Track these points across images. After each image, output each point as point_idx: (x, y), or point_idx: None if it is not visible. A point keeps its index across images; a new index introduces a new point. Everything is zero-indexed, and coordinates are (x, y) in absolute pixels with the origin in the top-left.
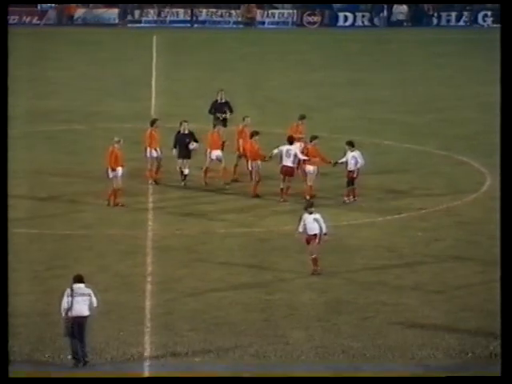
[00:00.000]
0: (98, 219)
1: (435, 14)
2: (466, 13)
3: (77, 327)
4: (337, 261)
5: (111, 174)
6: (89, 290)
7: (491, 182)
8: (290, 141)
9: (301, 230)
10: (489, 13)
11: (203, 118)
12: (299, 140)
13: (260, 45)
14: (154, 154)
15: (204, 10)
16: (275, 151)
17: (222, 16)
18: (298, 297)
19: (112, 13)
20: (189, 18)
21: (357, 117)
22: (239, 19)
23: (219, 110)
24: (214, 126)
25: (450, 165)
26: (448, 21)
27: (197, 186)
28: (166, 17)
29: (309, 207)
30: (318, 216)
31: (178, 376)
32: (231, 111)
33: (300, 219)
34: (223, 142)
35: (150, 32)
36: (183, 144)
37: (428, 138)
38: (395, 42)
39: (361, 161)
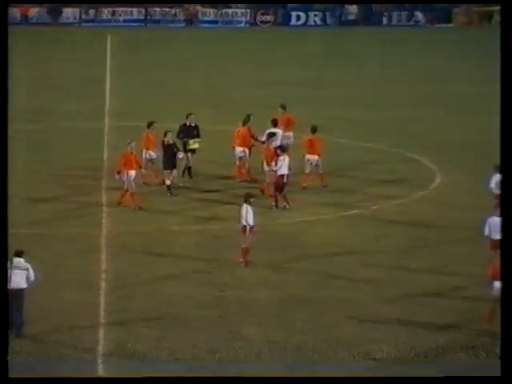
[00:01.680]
0: (54, 217)
1: (386, 14)
2: (417, 13)
3: (15, 298)
4: (290, 257)
5: (122, 177)
6: (27, 265)
7: (441, 178)
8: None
9: (244, 221)
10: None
11: (157, 116)
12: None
13: (214, 43)
14: (149, 156)
15: (158, 10)
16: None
17: (175, 15)
18: (252, 293)
19: (66, 12)
20: (142, 18)
21: (309, 115)
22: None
23: (188, 135)
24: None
25: (401, 162)
26: (399, 20)
27: (152, 183)
28: (120, 16)
29: (249, 198)
30: (250, 208)
31: (131, 374)
32: (198, 136)
33: (241, 210)
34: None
35: (104, 31)
36: (170, 153)
37: (380, 135)
38: (347, 40)
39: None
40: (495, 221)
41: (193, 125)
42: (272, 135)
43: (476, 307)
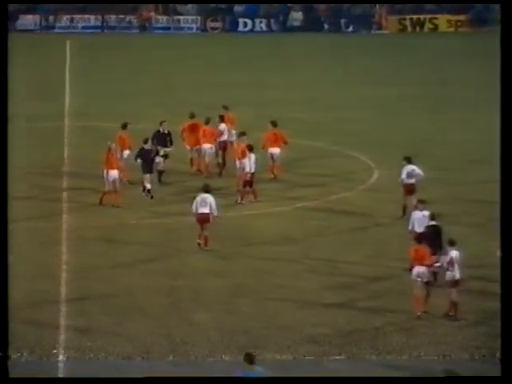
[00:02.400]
0: (17, 213)
1: (327, 21)
2: (356, 20)
3: None
4: (237, 248)
5: (105, 176)
6: None
7: (378, 174)
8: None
9: (194, 210)
10: (373, 19)
11: (114, 118)
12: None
13: (167, 48)
14: (125, 155)
15: (113, 16)
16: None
17: (130, 22)
18: (202, 282)
19: (27, 19)
20: (99, 24)
21: (257, 116)
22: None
23: (160, 142)
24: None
25: (342, 159)
26: (338, 28)
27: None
28: (78, 23)
29: (205, 188)
30: (210, 197)
31: (91, 356)
32: (171, 143)
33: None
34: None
35: (63, 37)
36: (149, 159)
37: (322, 134)
38: (291, 46)
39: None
40: (417, 215)
41: (166, 132)
42: (243, 134)
43: (409, 291)
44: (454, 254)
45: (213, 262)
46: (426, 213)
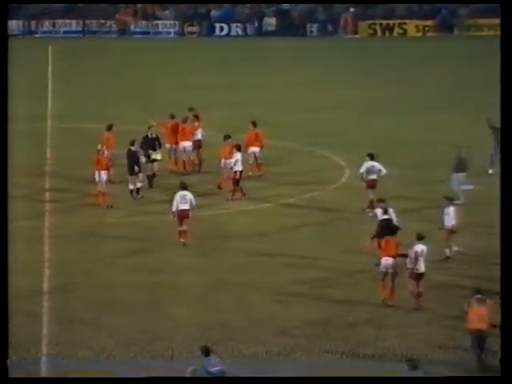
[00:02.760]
0: None
1: (300, 26)
2: (328, 25)
3: None
4: (215, 244)
5: (96, 178)
6: None
7: (349, 173)
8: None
9: (174, 207)
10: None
11: (95, 120)
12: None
13: (146, 52)
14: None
15: (94, 21)
16: None
17: (110, 27)
18: (181, 278)
19: (10, 24)
20: (81, 29)
21: (234, 117)
22: (133, 29)
23: (150, 146)
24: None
25: (314, 159)
26: (311, 31)
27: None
28: (60, 27)
29: (183, 185)
30: (189, 194)
31: (73, 351)
32: (160, 146)
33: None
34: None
35: (45, 42)
36: (134, 161)
37: (296, 135)
38: (265, 49)
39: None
40: (378, 212)
41: (154, 136)
42: (228, 137)
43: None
44: (420, 248)
45: (192, 258)
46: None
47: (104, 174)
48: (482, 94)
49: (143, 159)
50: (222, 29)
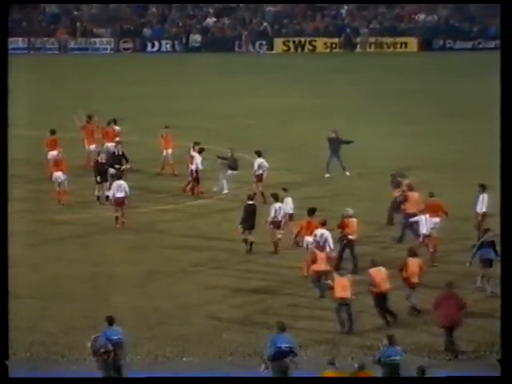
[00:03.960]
0: None
1: (223, 42)
2: (227, 41)
3: None
4: (149, 239)
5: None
6: None
7: (269, 173)
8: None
9: (111, 195)
10: (263, 42)
11: (39, 127)
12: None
13: (85, 67)
14: (49, 156)
15: (39, 39)
16: None
17: (52, 44)
18: (118, 268)
19: None
20: (26, 46)
21: (165, 124)
22: (72, 45)
23: (117, 162)
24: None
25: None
26: (232, 48)
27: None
28: (9, 44)
29: (119, 175)
30: (124, 183)
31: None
32: (127, 161)
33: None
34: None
35: None
36: (103, 171)
37: (220, 140)
38: (192, 63)
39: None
40: (276, 205)
41: (120, 153)
42: (197, 144)
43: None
44: (320, 232)
45: (128, 251)
46: (281, 204)
47: (58, 175)
48: (379, 103)
49: (111, 170)
50: (153, 45)
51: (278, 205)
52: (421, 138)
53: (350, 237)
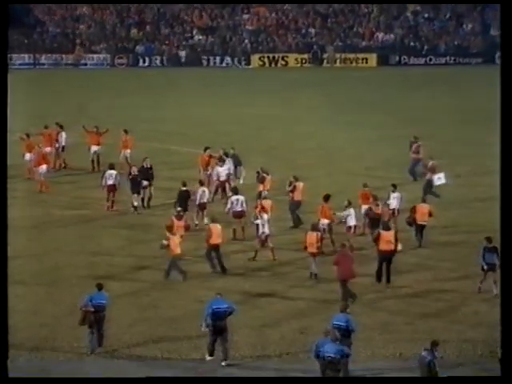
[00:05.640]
0: None
1: (205, 57)
2: (227, 57)
3: None
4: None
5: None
6: None
7: (245, 174)
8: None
9: (104, 183)
10: (242, 57)
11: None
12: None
13: (85, 80)
14: (27, 157)
15: (43, 55)
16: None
17: (56, 59)
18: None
19: None
20: (32, 61)
21: (153, 130)
22: (69, 61)
23: (144, 176)
24: None
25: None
26: (214, 63)
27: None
28: (16, 60)
29: (110, 166)
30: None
31: None
32: (152, 178)
33: None
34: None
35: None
36: (136, 182)
37: (203, 144)
38: (179, 77)
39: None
40: (234, 197)
41: (148, 166)
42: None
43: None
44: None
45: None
46: (239, 197)
47: (40, 169)
48: (343, 112)
49: (144, 182)
50: (144, 60)
51: (236, 197)
52: (379, 142)
53: (296, 198)
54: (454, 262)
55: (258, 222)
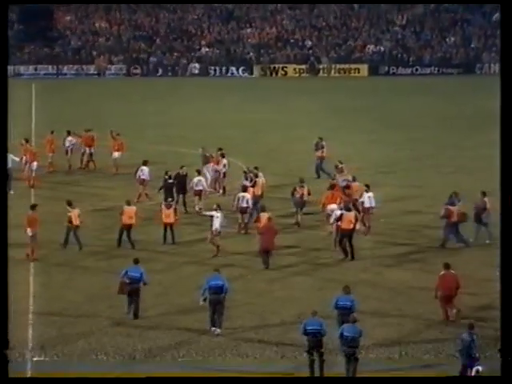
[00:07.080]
0: None
1: (216, 69)
2: (232, 68)
3: None
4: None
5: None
6: None
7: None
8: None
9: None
10: (245, 67)
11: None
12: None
13: (104, 88)
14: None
15: (66, 66)
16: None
17: (77, 70)
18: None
19: None
20: (55, 72)
21: (162, 135)
22: (91, 71)
23: (179, 184)
24: None
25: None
26: (220, 73)
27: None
28: (40, 71)
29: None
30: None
31: None
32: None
33: None
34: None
35: (29, 82)
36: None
37: (207, 147)
38: (188, 86)
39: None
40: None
41: (184, 173)
42: (220, 149)
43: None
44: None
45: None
46: (245, 194)
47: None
48: (336, 117)
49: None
50: (157, 71)
51: (242, 194)
52: (369, 145)
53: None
54: None
55: (214, 214)
